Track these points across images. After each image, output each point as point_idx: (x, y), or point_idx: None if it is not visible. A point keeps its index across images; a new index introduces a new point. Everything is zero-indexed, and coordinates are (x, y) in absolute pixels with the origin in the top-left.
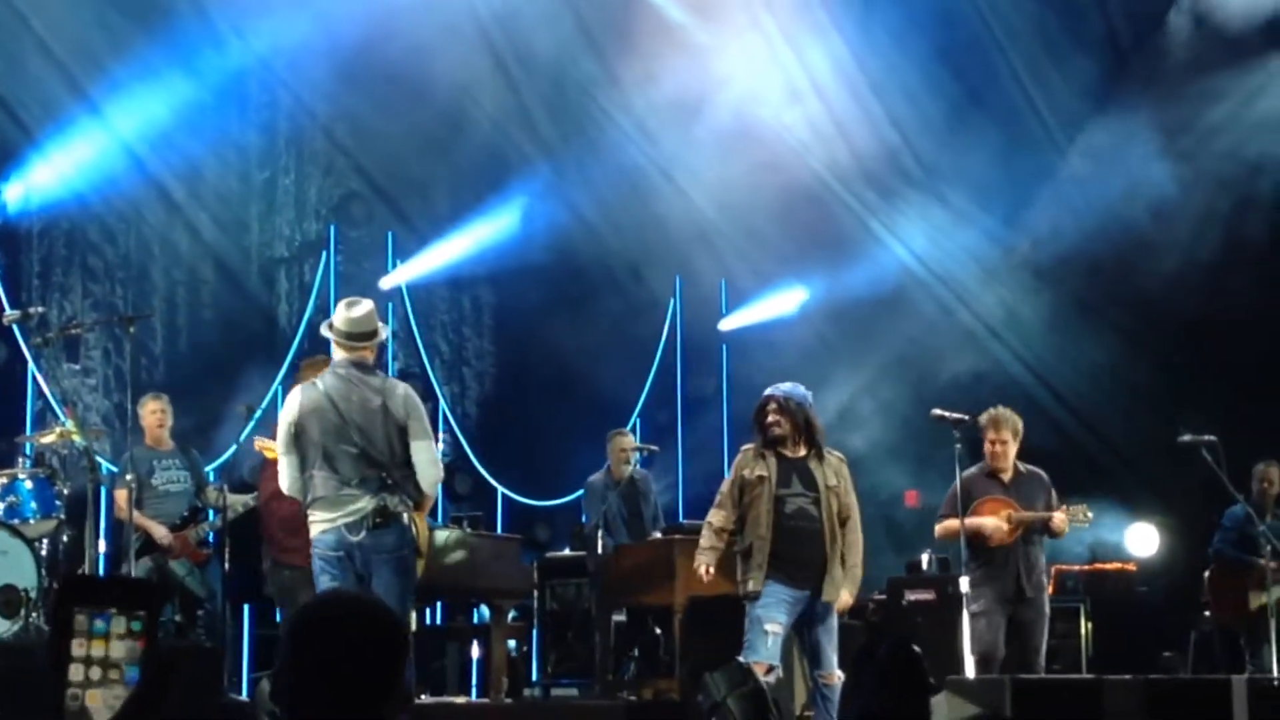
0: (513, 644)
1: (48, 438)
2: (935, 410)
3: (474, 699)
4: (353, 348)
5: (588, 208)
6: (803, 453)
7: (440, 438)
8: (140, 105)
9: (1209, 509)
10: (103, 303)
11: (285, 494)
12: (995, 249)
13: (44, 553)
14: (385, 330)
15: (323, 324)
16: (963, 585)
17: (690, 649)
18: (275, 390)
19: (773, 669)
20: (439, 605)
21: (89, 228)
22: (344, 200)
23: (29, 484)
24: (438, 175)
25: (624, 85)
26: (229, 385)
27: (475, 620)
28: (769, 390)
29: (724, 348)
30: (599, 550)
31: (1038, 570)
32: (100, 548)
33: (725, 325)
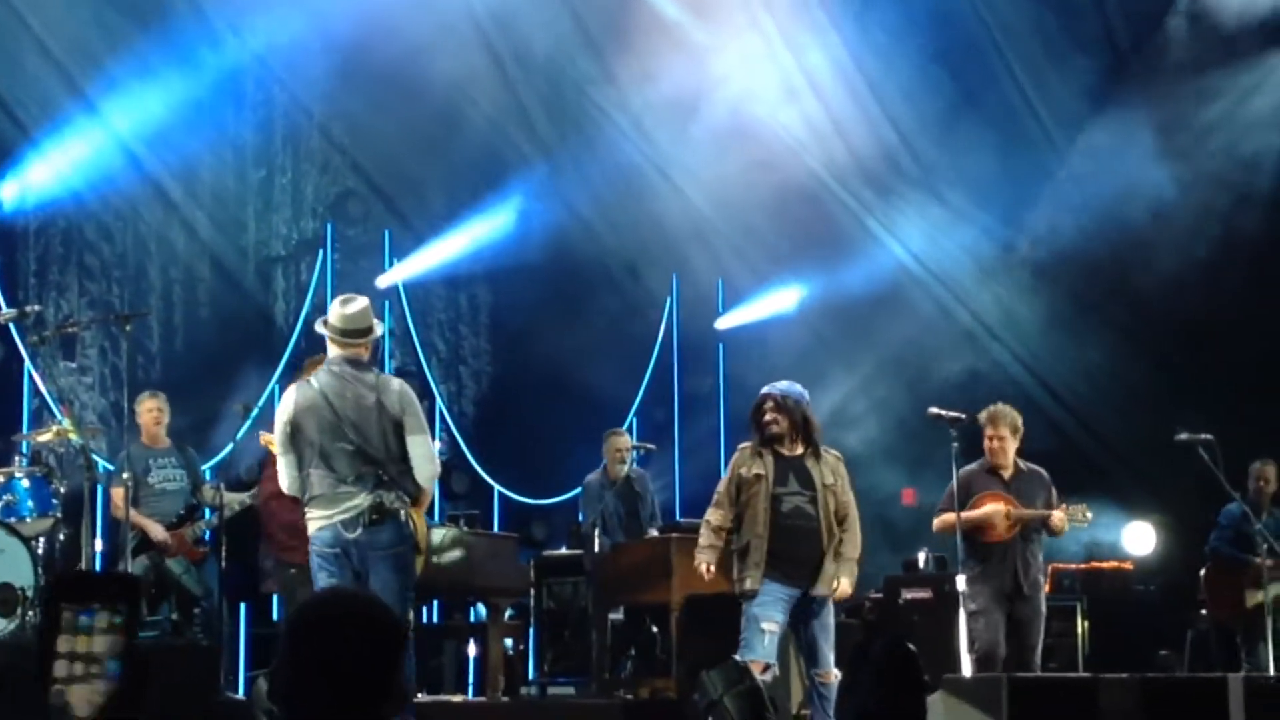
0: (509, 642)
1: (44, 436)
2: (932, 409)
3: (471, 697)
4: (347, 344)
5: (584, 206)
6: (800, 451)
7: (437, 436)
8: (137, 103)
9: (1206, 507)
10: (99, 301)
11: (285, 493)
12: (992, 248)
13: (41, 551)
14: (380, 327)
15: (318, 321)
16: (959, 584)
17: (687, 647)
18: (272, 389)
19: (769, 667)
20: (436, 604)
21: (86, 226)
22: (341, 199)
23: (26, 482)
24: (434, 174)
25: (621, 84)
26: (226, 384)
27: (472, 619)
28: (766, 389)
29: (720, 346)
30: (596, 549)
31: (1035, 568)
32: (97, 546)
33: (722, 324)
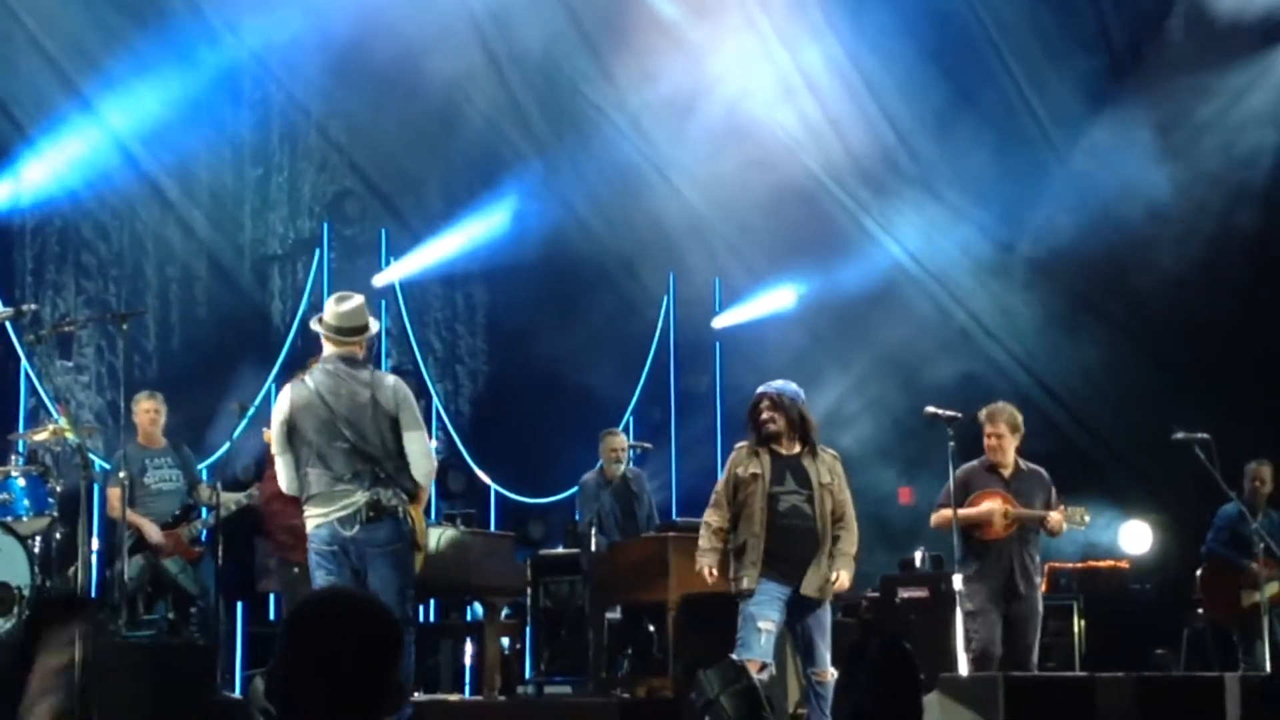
0: (506, 641)
1: (41, 435)
2: (929, 408)
3: (467, 697)
4: (342, 342)
5: (581, 205)
6: (797, 450)
7: (434, 436)
8: (134, 102)
9: (1202, 507)
10: (96, 300)
11: (285, 494)
12: (989, 247)
13: (37, 550)
14: (376, 325)
15: (313, 319)
16: (956, 583)
17: (684, 646)
18: (269, 388)
19: (766, 666)
20: (432, 603)
21: (82, 225)
22: (337, 197)
23: (22, 481)
24: (431, 173)
25: (618, 83)
26: (222, 383)
27: (469, 618)
28: (761, 388)
29: (717, 345)
30: (592, 548)
31: (1032, 568)
32: (93, 545)
33: (718, 323)
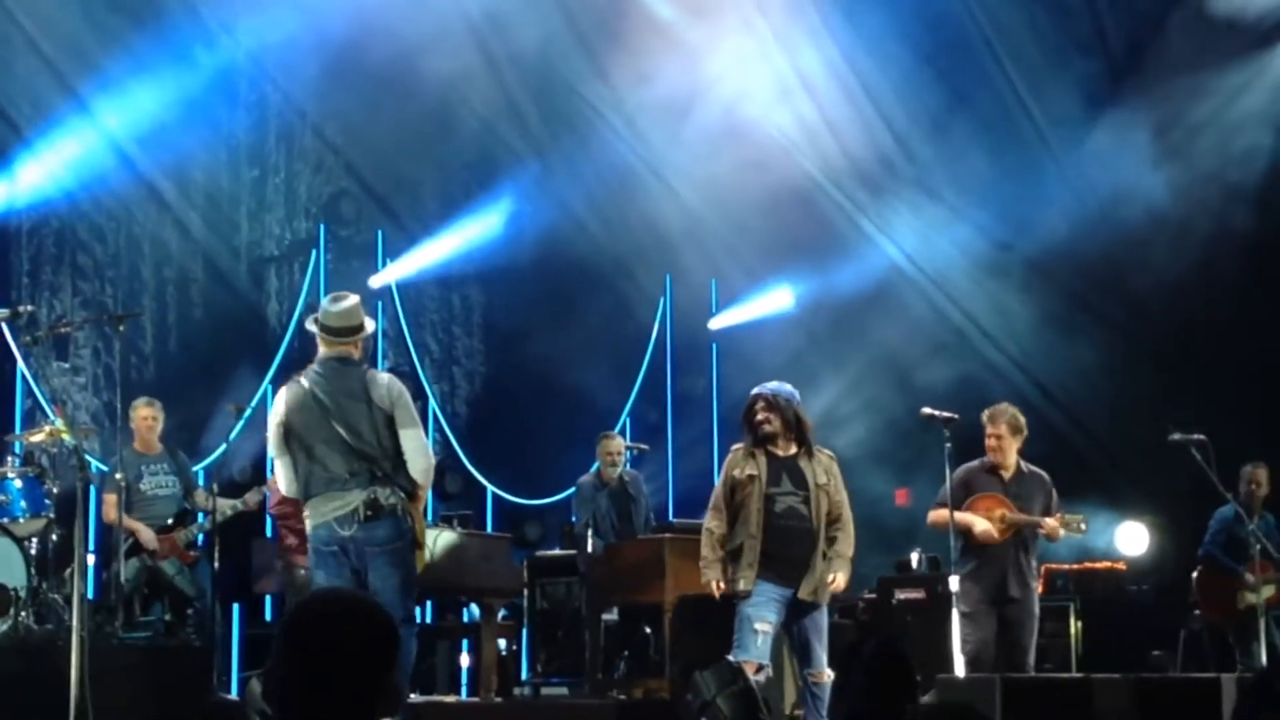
0: (503, 643)
1: (37, 436)
2: (925, 409)
3: (464, 698)
4: (337, 343)
5: (577, 206)
6: (793, 450)
7: (430, 436)
8: (130, 103)
9: (1199, 508)
10: (92, 301)
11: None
12: (985, 248)
13: (33, 552)
14: (371, 325)
15: (308, 319)
16: (953, 584)
17: (680, 648)
18: (265, 389)
19: (762, 668)
20: (429, 604)
21: (78, 226)
22: (334, 199)
23: (18, 483)
24: (428, 174)
25: (614, 83)
26: (219, 384)
27: (465, 619)
28: (756, 389)
29: (714, 346)
30: (589, 549)
31: (1026, 571)
32: (89, 546)
33: (715, 324)
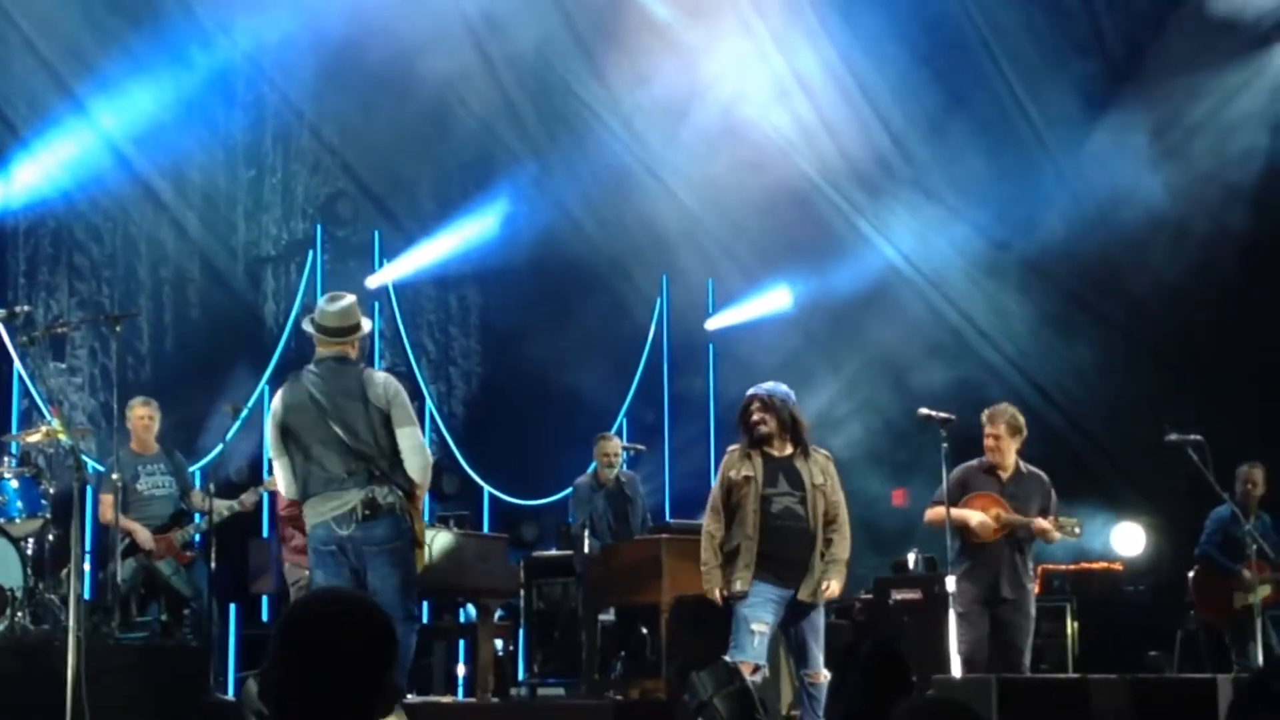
0: (499, 643)
1: (34, 437)
2: (922, 409)
3: (460, 698)
4: (334, 342)
5: (574, 207)
6: (789, 451)
7: (427, 437)
8: (127, 103)
9: (1195, 508)
10: (89, 301)
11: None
12: (983, 248)
13: (30, 552)
14: (368, 324)
15: (304, 320)
16: (949, 585)
17: (677, 648)
18: (262, 390)
19: (759, 668)
20: (426, 605)
21: (75, 226)
22: (331, 199)
23: (15, 483)
24: (425, 174)
25: (611, 84)
26: (215, 384)
27: (462, 619)
28: (751, 390)
29: (710, 347)
30: (585, 549)
31: (1020, 572)
32: (86, 547)
33: (712, 325)
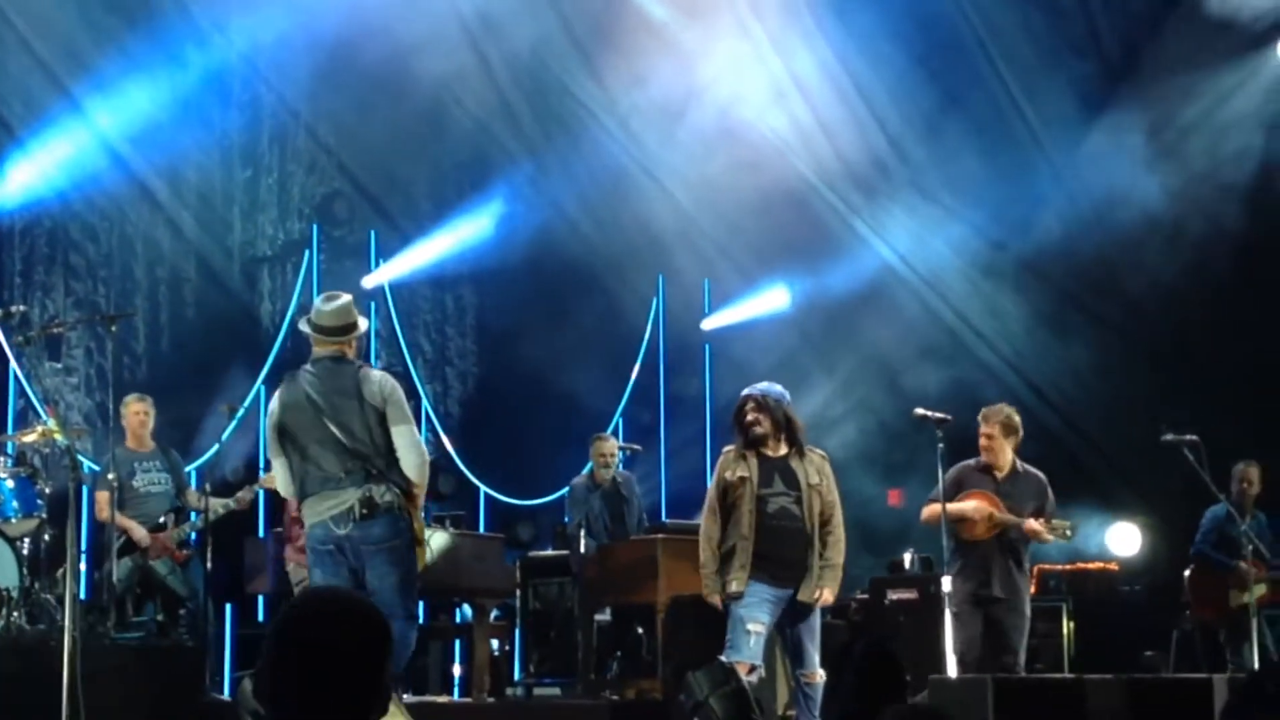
0: (495, 643)
1: (29, 437)
2: (918, 410)
3: (456, 698)
4: (330, 342)
5: (570, 207)
6: (784, 451)
7: (423, 437)
8: (123, 103)
9: (1191, 508)
10: (85, 301)
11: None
12: (979, 249)
13: (25, 552)
14: (364, 323)
15: (301, 320)
16: (945, 584)
17: (673, 648)
18: (258, 390)
19: (755, 668)
20: (421, 605)
21: (71, 226)
22: (327, 199)
23: (10, 483)
24: (421, 174)
25: (608, 85)
26: (211, 384)
27: (458, 619)
28: (746, 390)
29: (706, 347)
30: (581, 549)
31: (1013, 571)
32: (82, 547)
33: (708, 325)
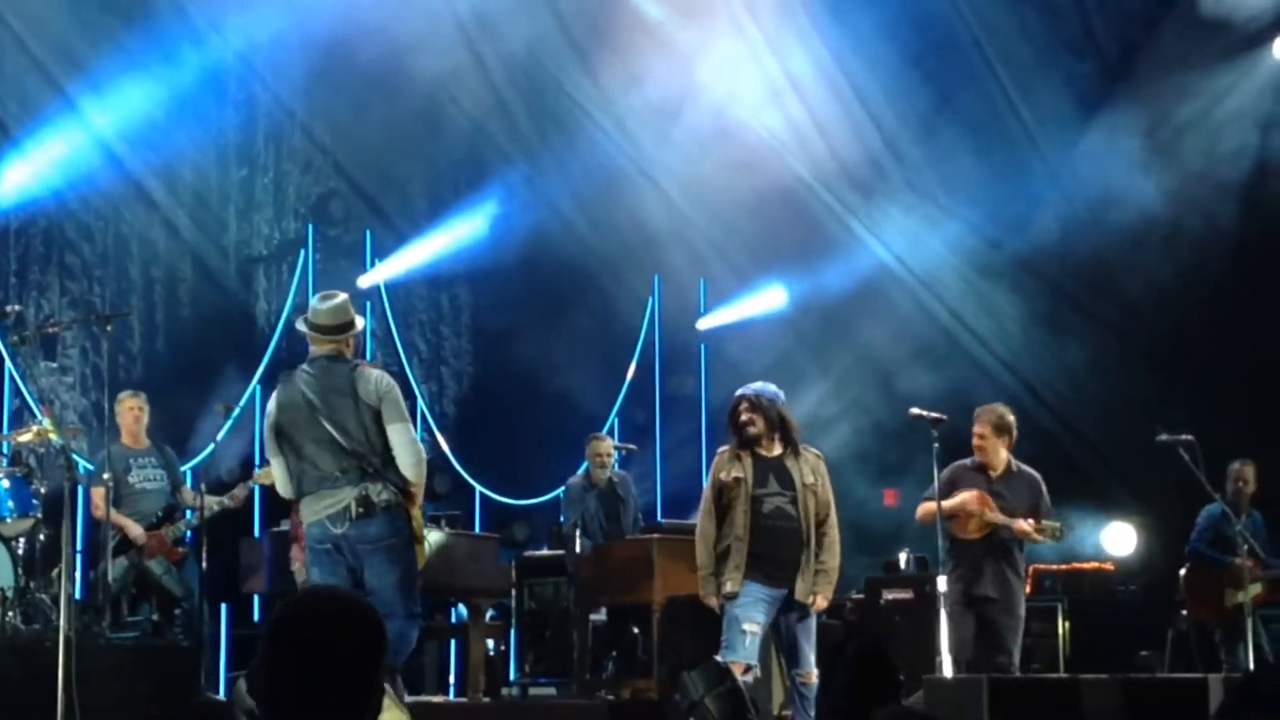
0: (491, 643)
1: (25, 436)
2: (913, 409)
3: (452, 698)
4: (327, 341)
5: (566, 206)
6: (778, 451)
7: (419, 437)
8: (118, 102)
9: (1187, 508)
10: (80, 301)
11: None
12: (974, 248)
13: (21, 552)
14: (361, 322)
15: (298, 319)
16: (940, 584)
17: (668, 648)
18: (254, 389)
19: (750, 668)
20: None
21: (66, 225)
22: (322, 199)
23: (5, 483)
24: (416, 174)
25: (604, 84)
26: (207, 384)
27: (453, 619)
28: (740, 390)
29: (702, 347)
30: (577, 549)
31: (1005, 571)
32: (77, 546)
33: (704, 324)
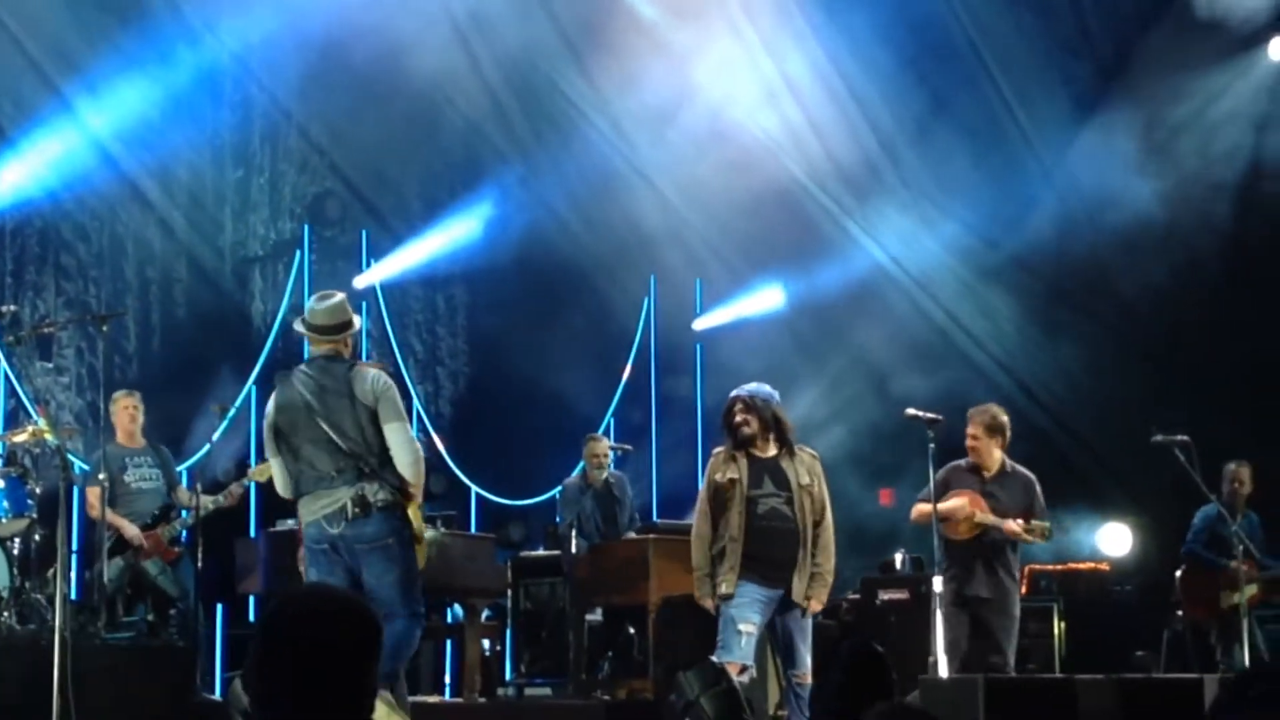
0: (487, 643)
1: (20, 437)
2: (909, 410)
3: (447, 698)
4: (324, 340)
5: (562, 207)
6: (773, 451)
7: (415, 437)
8: (114, 102)
9: (1182, 509)
10: (76, 301)
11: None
12: (969, 249)
13: (16, 552)
14: (358, 321)
15: (295, 320)
16: (936, 585)
17: (664, 648)
18: (249, 390)
19: (746, 669)
20: None
21: (62, 226)
22: (318, 199)
23: (1, 483)
24: (412, 174)
25: (599, 85)
26: (203, 384)
27: (449, 619)
28: (734, 391)
29: (698, 348)
30: (572, 549)
31: (999, 571)
32: (72, 547)
33: (699, 325)
